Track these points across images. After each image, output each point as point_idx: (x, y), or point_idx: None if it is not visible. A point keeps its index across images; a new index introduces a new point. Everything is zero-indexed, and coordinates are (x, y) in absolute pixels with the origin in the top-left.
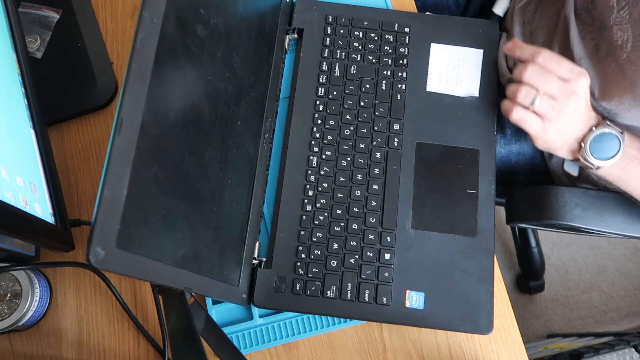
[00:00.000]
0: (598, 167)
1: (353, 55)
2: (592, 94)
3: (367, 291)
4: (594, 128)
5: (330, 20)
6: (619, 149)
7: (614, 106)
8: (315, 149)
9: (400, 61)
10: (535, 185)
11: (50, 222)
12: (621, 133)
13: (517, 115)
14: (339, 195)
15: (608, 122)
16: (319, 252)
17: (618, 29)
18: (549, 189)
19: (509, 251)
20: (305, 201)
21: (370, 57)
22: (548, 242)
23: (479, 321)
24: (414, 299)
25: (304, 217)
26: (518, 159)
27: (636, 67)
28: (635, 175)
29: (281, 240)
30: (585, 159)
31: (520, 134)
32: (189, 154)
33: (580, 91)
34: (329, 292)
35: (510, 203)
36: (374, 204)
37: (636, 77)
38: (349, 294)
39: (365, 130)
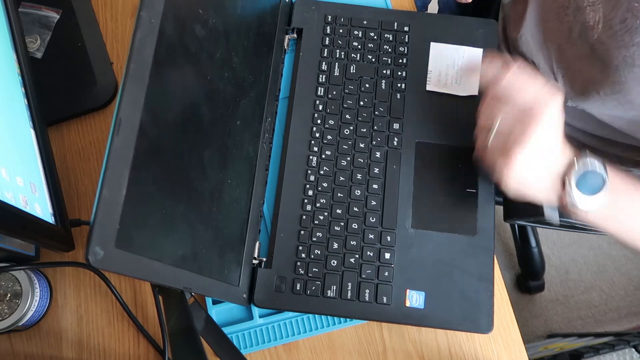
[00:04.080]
0: (587, 212)
1: (352, 55)
2: (571, 88)
3: (367, 291)
4: (574, 159)
5: (329, 19)
6: (605, 185)
7: (590, 99)
8: (315, 149)
9: (400, 60)
10: None
11: (50, 222)
12: (603, 164)
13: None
14: (339, 194)
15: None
16: (319, 252)
17: (591, 9)
18: None
19: (509, 251)
20: (305, 201)
21: (370, 57)
22: (548, 242)
23: (479, 320)
24: (414, 298)
25: (304, 217)
26: None
27: (606, 47)
28: (623, 210)
29: (281, 240)
30: (573, 205)
31: None
32: (188, 153)
33: (544, 114)
34: (329, 291)
35: (507, 199)
36: (374, 203)
37: (606, 57)
38: (349, 294)
39: (364, 130)
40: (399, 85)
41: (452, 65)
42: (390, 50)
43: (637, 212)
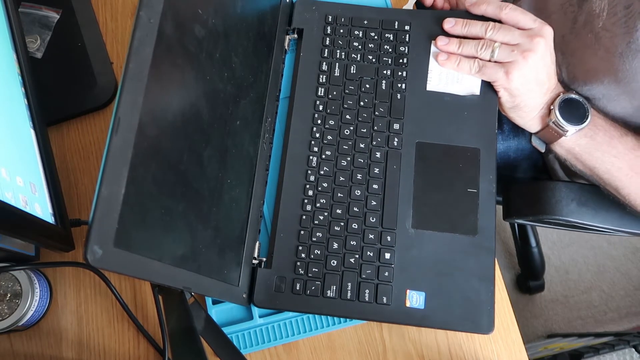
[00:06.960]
0: (567, 132)
1: (353, 55)
2: (574, 78)
3: (367, 291)
4: (561, 94)
5: (330, 20)
6: (587, 114)
7: (593, 89)
8: (315, 149)
9: (400, 60)
10: (533, 181)
11: (50, 222)
12: (586, 100)
13: (475, 66)
14: (339, 194)
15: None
16: (319, 252)
17: None
18: (545, 184)
19: (509, 251)
20: (305, 201)
21: (370, 57)
22: (548, 242)
23: (479, 321)
24: (415, 299)
25: (304, 217)
26: (517, 155)
27: (610, 34)
28: (601, 146)
29: (281, 240)
30: (556, 123)
31: (519, 129)
32: (188, 153)
33: (546, 35)
34: (329, 291)
35: (507, 198)
36: (374, 203)
37: (610, 45)
38: (349, 294)
39: (365, 130)
40: (399, 85)
41: None
42: (390, 50)
43: (613, 150)
